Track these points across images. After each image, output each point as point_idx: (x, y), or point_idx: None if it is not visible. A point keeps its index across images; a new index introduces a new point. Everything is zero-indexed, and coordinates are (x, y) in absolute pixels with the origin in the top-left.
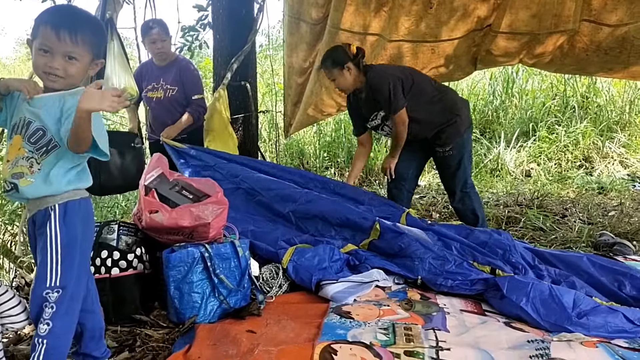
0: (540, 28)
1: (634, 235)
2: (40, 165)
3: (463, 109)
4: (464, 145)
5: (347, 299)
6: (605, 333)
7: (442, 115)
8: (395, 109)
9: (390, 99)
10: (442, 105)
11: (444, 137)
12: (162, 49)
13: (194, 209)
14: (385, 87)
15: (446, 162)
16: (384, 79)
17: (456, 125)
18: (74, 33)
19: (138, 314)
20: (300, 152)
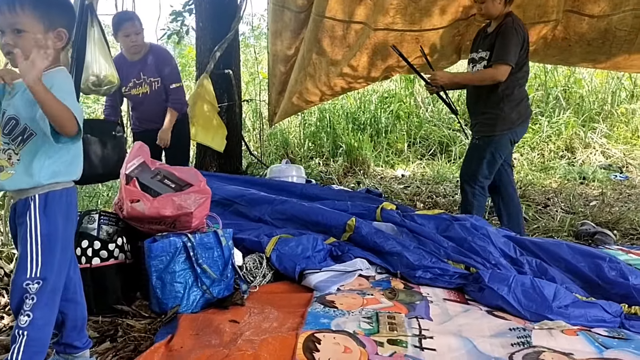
0: (524, 18)
1: (615, 225)
2: (19, 156)
3: (513, 113)
4: (493, 144)
5: (330, 288)
6: (585, 322)
7: (489, 100)
8: (501, 58)
9: (505, 48)
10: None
11: (478, 125)
12: (136, 42)
13: (176, 198)
14: (512, 36)
15: (471, 148)
16: (517, 30)
17: (494, 116)
18: (12, 3)
19: (119, 304)
20: (284, 141)
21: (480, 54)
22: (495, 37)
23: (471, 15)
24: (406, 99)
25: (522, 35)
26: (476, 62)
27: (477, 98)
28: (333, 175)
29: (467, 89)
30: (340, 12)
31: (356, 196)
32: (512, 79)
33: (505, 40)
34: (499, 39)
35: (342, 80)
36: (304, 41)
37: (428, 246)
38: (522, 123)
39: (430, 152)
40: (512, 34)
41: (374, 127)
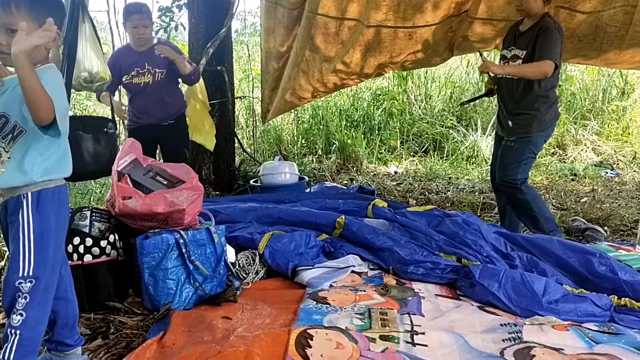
0: (515, 14)
1: (605, 221)
2: (10, 153)
3: (548, 114)
4: (529, 144)
5: (323, 285)
6: (575, 317)
7: (525, 100)
8: (547, 56)
9: (551, 45)
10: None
11: (512, 125)
12: (143, 35)
13: (168, 195)
14: (556, 37)
15: (504, 150)
16: (560, 32)
17: (530, 117)
18: (6, 3)
19: (112, 301)
20: (277, 138)
21: (514, 52)
22: (534, 36)
23: (463, 12)
24: (399, 96)
25: (562, 37)
26: (508, 60)
27: (512, 98)
28: (326, 172)
29: (499, 89)
30: (333, 8)
31: (348, 194)
32: (549, 80)
33: (550, 40)
34: (541, 38)
35: (336, 76)
36: (297, 38)
37: (419, 240)
38: (554, 123)
39: (423, 149)
40: (556, 35)
41: (367, 124)
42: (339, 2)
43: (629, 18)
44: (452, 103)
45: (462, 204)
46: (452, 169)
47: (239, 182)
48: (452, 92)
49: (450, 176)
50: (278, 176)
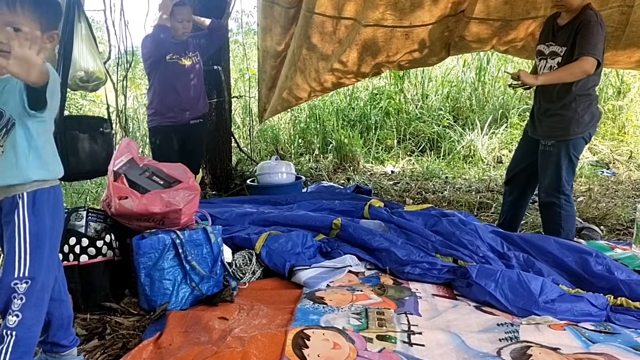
0: (512, 14)
1: (602, 220)
2: (3, 147)
3: (586, 115)
4: (569, 147)
5: (320, 285)
6: (572, 317)
7: (561, 100)
8: (588, 51)
9: (591, 40)
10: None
11: (548, 128)
12: (187, 29)
13: (164, 195)
14: (598, 31)
15: (543, 156)
16: (602, 26)
17: (567, 118)
18: (12, 2)
19: (108, 301)
20: (274, 138)
21: (552, 48)
22: (574, 31)
23: (460, 12)
24: (396, 96)
25: (605, 32)
26: (546, 57)
27: (547, 98)
28: (323, 172)
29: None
30: (330, 7)
31: (345, 194)
32: (590, 78)
33: (591, 35)
34: (582, 32)
35: (332, 75)
36: (294, 37)
37: (416, 241)
38: (594, 125)
39: (419, 148)
40: (597, 29)
41: (364, 124)
42: (336, 1)
43: (625, 18)
44: (449, 102)
45: (459, 203)
46: (448, 169)
47: (235, 182)
48: (449, 92)
49: (447, 175)
50: (275, 176)
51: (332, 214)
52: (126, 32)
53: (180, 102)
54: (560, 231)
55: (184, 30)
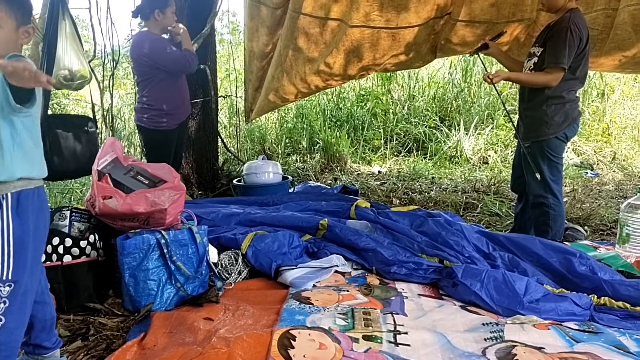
0: (498, 17)
1: (586, 221)
2: None
3: (557, 116)
4: (543, 147)
5: (306, 285)
6: (556, 316)
7: (533, 101)
8: (553, 62)
9: (558, 50)
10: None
11: (523, 127)
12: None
13: (149, 195)
14: (565, 37)
15: (525, 159)
16: (573, 31)
17: (537, 119)
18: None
19: (92, 302)
20: (262, 137)
21: (534, 49)
22: (550, 34)
23: (446, 14)
24: (383, 97)
25: (579, 36)
26: (531, 57)
27: (522, 98)
28: (310, 172)
29: (520, 87)
30: (316, 8)
31: (331, 194)
32: (563, 83)
33: (558, 41)
34: (552, 38)
35: (319, 77)
36: (281, 37)
37: (402, 241)
38: (570, 125)
39: (406, 148)
40: (565, 34)
41: (351, 124)
42: (322, 1)
43: (610, 21)
44: (436, 103)
45: (445, 203)
46: (435, 169)
47: (222, 182)
48: (436, 93)
49: (434, 176)
50: (261, 175)
51: (318, 215)
52: (112, 30)
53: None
54: (549, 231)
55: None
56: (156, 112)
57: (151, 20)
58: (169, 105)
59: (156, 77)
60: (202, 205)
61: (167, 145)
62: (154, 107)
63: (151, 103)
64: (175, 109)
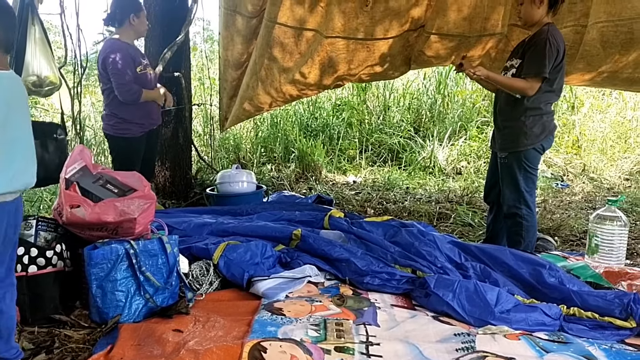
0: (470, 30)
1: (556, 231)
2: None
3: (536, 127)
4: (520, 158)
5: (278, 295)
6: (527, 326)
7: (512, 112)
8: (532, 72)
9: (537, 60)
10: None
11: (501, 138)
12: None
13: (118, 204)
14: (545, 48)
15: (501, 169)
16: (551, 42)
17: (516, 130)
18: None
19: (57, 313)
20: (236, 146)
21: (511, 62)
22: (528, 46)
23: (420, 27)
24: (358, 107)
25: (557, 48)
26: (507, 70)
27: (500, 109)
28: (285, 181)
29: (494, 100)
30: (292, 18)
31: (305, 204)
32: (541, 95)
33: (537, 52)
34: (531, 49)
35: (294, 87)
36: (256, 46)
37: (376, 252)
38: (547, 137)
39: (381, 158)
40: (544, 45)
41: (327, 134)
42: (298, 11)
43: (579, 37)
44: (410, 114)
45: (419, 213)
46: (409, 179)
47: (195, 191)
48: (410, 104)
49: (408, 186)
50: (235, 185)
51: (292, 225)
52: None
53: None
54: (521, 241)
55: (147, 27)
56: (121, 120)
57: (125, 26)
58: (134, 114)
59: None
60: (174, 215)
61: (133, 153)
62: (118, 115)
63: (115, 112)
64: (140, 118)
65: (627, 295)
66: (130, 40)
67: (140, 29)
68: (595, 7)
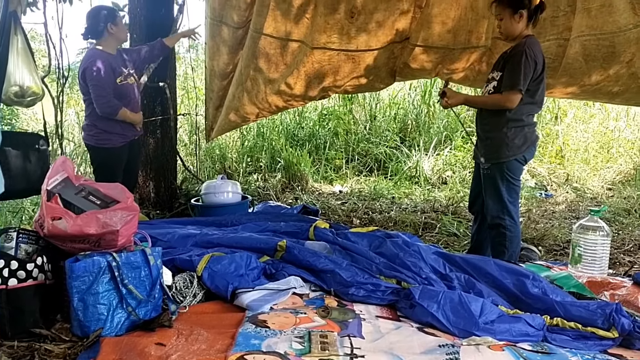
0: (455, 43)
1: (540, 241)
2: None
3: (517, 139)
4: (503, 169)
5: (263, 307)
6: (511, 337)
7: (493, 123)
8: (510, 86)
9: (515, 74)
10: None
11: (483, 149)
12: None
13: (101, 216)
14: (522, 61)
15: (484, 179)
16: (529, 55)
17: (498, 141)
18: None
19: (38, 327)
20: (222, 156)
21: (493, 74)
22: (507, 59)
23: (405, 39)
24: (345, 116)
25: (534, 60)
26: (489, 82)
27: (482, 120)
28: (271, 191)
29: (477, 110)
30: (278, 29)
31: (290, 215)
32: (522, 106)
33: (515, 66)
34: (509, 62)
35: (279, 97)
36: (242, 57)
37: (361, 263)
38: (528, 148)
39: (367, 168)
40: (521, 58)
41: (313, 143)
42: (283, 22)
43: (562, 51)
44: (396, 124)
45: (405, 223)
46: (395, 189)
47: (180, 201)
48: (396, 113)
49: (394, 196)
50: (220, 195)
51: (277, 236)
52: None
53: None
54: (505, 252)
55: (126, 35)
56: (101, 130)
57: (105, 36)
58: (114, 125)
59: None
60: (158, 226)
61: (114, 163)
62: (98, 126)
63: (95, 123)
64: (121, 129)
65: (609, 306)
66: (112, 50)
67: (121, 36)
68: (578, 21)
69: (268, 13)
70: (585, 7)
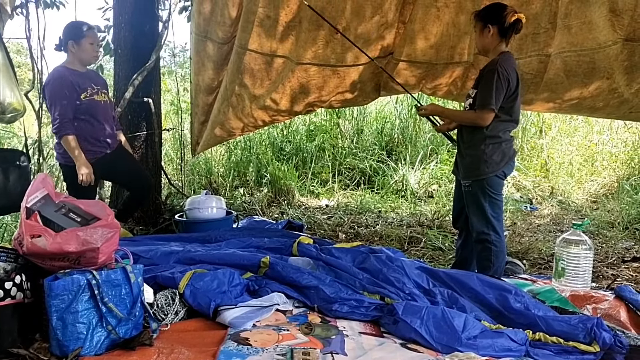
0: (437, 58)
1: (525, 255)
2: None
3: (495, 155)
4: (484, 186)
5: (245, 324)
6: (493, 352)
7: (471, 141)
8: (482, 105)
9: (487, 92)
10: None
11: (462, 167)
12: (98, 52)
13: (81, 233)
14: (493, 80)
15: (466, 196)
16: (500, 73)
17: (476, 159)
18: None
19: (16, 347)
20: (207, 171)
21: (471, 91)
22: (480, 77)
23: (389, 54)
24: (331, 130)
25: (508, 79)
26: (468, 98)
27: (462, 137)
28: (257, 206)
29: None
30: (262, 45)
31: (275, 230)
32: (498, 123)
33: (487, 84)
34: (483, 81)
35: (265, 112)
36: (227, 72)
37: (344, 279)
38: (507, 163)
39: (354, 182)
40: (493, 77)
41: (300, 157)
42: (268, 39)
43: (543, 67)
44: (382, 138)
45: (390, 237)
46: (381, 203)
47: (164, 217)
48: (383, 127)
49: (380, 210)
50: (204, 211)
51: (261, 252)
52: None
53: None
54: (491, 266)
55: (95, 53)
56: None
57: (68, 52)
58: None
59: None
60: (140, 243)
61: None
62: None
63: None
64: (89, 145)
65: (591, 320)
66: (78, 67)
67: (83, 57)
68: (559, 37)
69: (253, 29)
70: (565, 25)
